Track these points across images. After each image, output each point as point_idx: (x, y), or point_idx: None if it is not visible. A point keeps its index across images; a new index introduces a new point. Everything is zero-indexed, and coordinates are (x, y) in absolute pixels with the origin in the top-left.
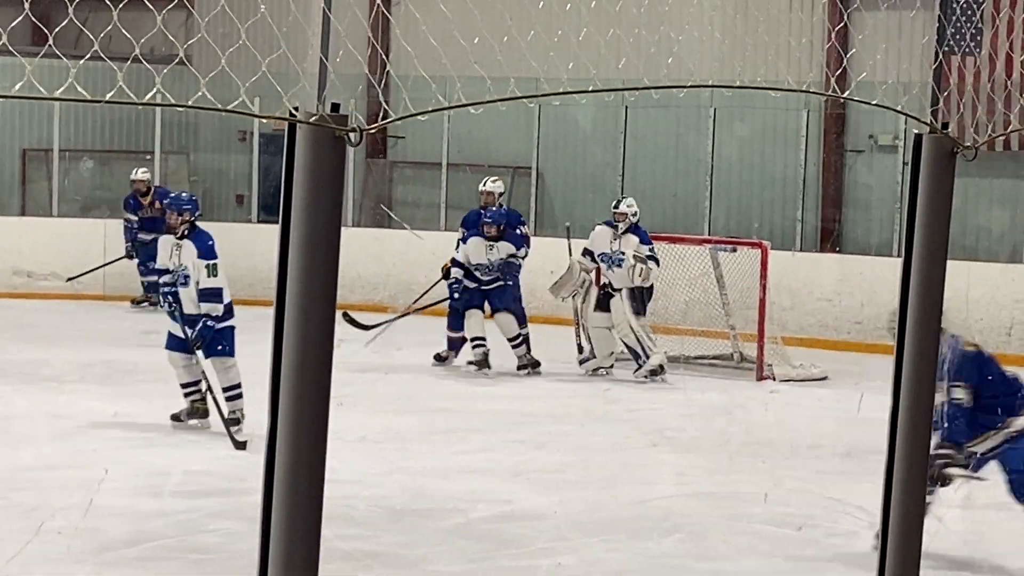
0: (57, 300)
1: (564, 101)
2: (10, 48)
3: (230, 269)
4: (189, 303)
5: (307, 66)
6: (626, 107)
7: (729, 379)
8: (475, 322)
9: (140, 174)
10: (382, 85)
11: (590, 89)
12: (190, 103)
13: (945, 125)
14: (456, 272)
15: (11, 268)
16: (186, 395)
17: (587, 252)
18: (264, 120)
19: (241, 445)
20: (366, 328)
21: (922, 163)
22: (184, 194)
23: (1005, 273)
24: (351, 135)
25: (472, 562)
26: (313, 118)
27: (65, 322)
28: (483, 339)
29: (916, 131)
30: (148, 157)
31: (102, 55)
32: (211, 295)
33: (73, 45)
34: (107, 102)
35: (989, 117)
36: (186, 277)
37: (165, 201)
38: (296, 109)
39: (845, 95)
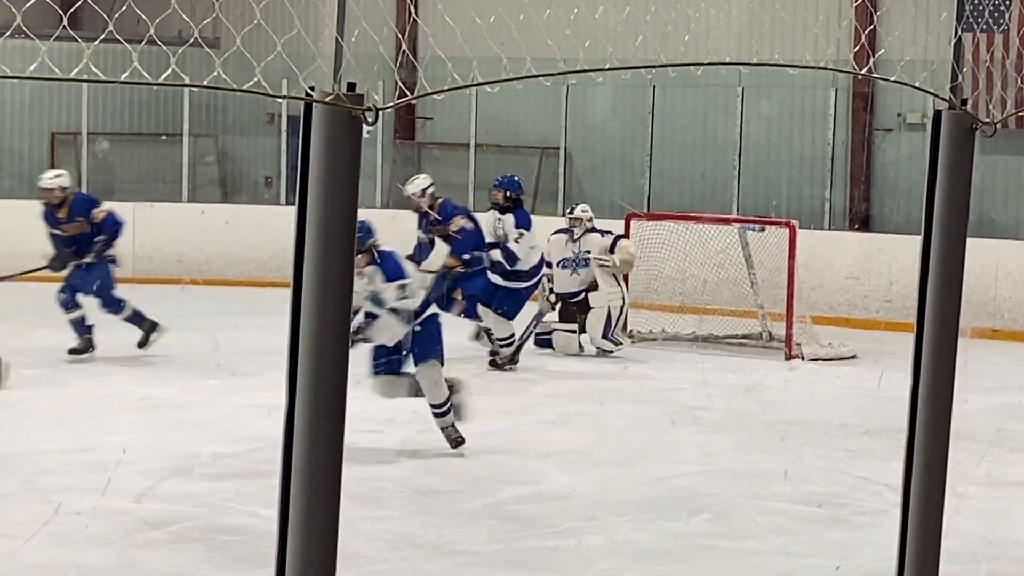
0: None
1: (586, 81)
2: (25, 29)
3: (259, 251)
4: None
5: (322, 46)
6: (653, 87)
7: (758, 358)
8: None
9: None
10: (398, 65)
11: (607, 67)
12: (205, 83)
13: (964, 101)
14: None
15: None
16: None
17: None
18: (281, 100)
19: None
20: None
21: (941, 139)
22: None
23: None
24: (367, 114)
25: (500, 542)
26: (329, 98)
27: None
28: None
29: (937, 108)
30: (176, 139)
31: (117, 36)
32: None
33: (98, 28)
34: (121, 82)
35: (1011, 94)
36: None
37: None
38: (312, 89)
39: (863, 72)
